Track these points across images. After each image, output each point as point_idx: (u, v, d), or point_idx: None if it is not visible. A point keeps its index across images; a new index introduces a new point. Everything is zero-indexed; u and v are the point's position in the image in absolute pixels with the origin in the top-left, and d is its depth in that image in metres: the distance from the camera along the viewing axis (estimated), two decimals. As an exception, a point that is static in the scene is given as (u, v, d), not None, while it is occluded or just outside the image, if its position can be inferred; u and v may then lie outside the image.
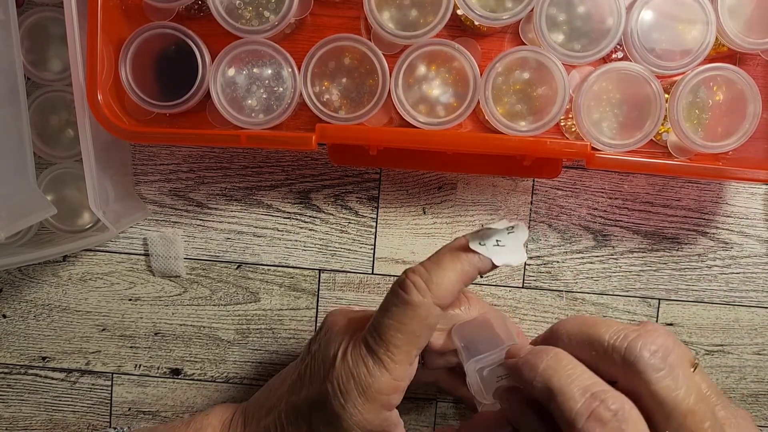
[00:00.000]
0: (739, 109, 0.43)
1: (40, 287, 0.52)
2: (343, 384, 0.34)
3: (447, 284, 0.33)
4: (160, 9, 0.44)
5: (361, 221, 0.51)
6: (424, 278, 0.33)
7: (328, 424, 0.34)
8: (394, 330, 0.33)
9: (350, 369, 0.34)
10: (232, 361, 0.52)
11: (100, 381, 0.52)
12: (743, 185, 0.50)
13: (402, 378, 0.34)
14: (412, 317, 0.33)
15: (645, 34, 0.43)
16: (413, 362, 0.34)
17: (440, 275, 0.33)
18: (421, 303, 0.33)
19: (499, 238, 0.35)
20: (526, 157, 0.46)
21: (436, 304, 0.33)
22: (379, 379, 0.33)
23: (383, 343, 0.33)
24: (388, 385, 0.33)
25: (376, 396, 0.33)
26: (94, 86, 0.42)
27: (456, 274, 0.34)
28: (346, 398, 0.33)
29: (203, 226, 0.51)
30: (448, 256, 0.34)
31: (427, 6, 0.43)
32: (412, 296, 0.33)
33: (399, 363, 0.33)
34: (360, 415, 0.33)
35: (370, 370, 0.33)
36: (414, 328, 0.33)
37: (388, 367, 0.33)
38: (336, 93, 0.44)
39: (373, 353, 0.33)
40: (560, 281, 0.51)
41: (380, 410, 0.33)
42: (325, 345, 0.36)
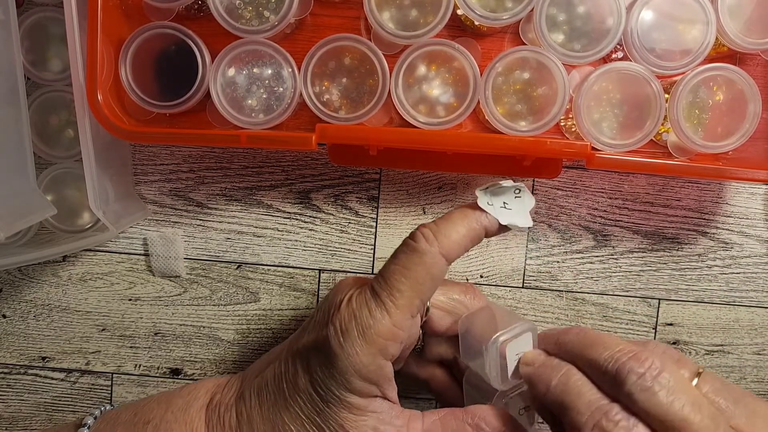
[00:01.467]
0: (739, 109, 0.43)
1: (40, 287, 0.52)
2: (345, 324, 0.34)
3: (454, 237, 0.35)
4: (160, 9, 0.44)
5: (361, 221, 0.51)
6: (433, 230, 0.35)
7: (324, 365, 0.35)
8: (399, 274, 0.34)
9: (353, 310, 0.35)
10: (232, 361, 0.52)
11: (100, 381, 0.52)
12: (743, 185, 0.50)
13: (401, 326, 0.34)
14: (418, 263, 0.34)
15: (645, 34, 0.43)
16: (414, 313, 0.35)
17: (448, 228, 0.35)
18: (428, 251, 0.34)
19: (506, 200, 0.37)
20: (526, 157, 0.46)
21: (442, 254, 0.35)
22: (380, 321, 0.34)
23: (387, 286, 0.34)
24: (387, 330, 0.34)
25: (375, 338, 0.34)
26: (94, 86, 0.42)
27: (464, 229, 0.35)
28: (345, 337, 0.34)
29: (203, 226, 0.51)
30: (457, 212, 0.36)
31: (427, 6, 0.43)
32: (419, 244, 0.35)
33: (400, 308, 0.34)
34: (356, 356, 0.34)
35: (371, 312, 0.34)
36: (418, 275, 0.34)
37: (390, 311, 0.34)
38: (336, 93, 0.44)
39: (377, 296, 0.34)
40: (560, 281, 0.51)
41: (376, 355, 0.34)
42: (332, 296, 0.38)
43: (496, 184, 0.37)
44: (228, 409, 0.38)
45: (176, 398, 0.40)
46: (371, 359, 0.34)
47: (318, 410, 0.35)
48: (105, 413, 0.42)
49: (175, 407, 0.39)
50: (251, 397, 0.38)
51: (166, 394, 0.41)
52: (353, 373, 0.34)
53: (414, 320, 0.36)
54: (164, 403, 0.40)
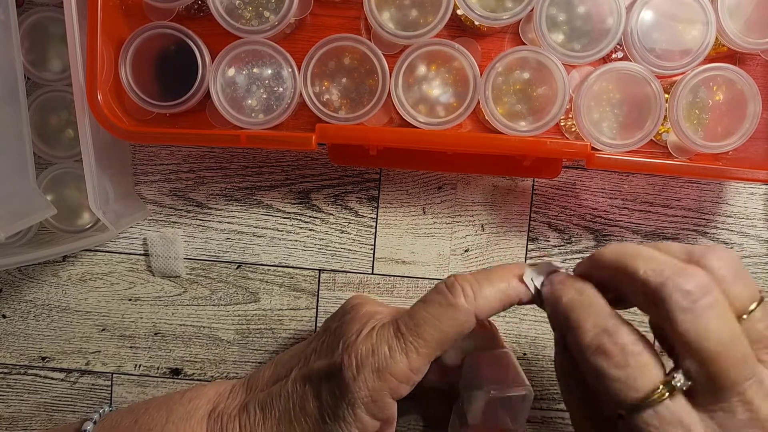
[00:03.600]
0: (739, 109, 0.43)
1: (40, 287, 0.52)
2: (362, 357, 0.34)
3: (491, 299, 0.34)
4: (160, 9, 0.44)
5: (361, 221, 0.51)
6: (474, 288, 0.34)
7: (335, 394, 0.35)
8: (430, 325, 0.34)
9: (373, 345, 0.34)
10: (232, 361, 0.52)
11: (100, 381, 0.52)
12: (743, 185, 0.50)
13: (417, 371, 0.34)
14: (451, 318, 0.34)
15: (645, 34, 0.43)
16: (432, 360, 0.35)
17: (488, 289, 0.34)
18: (465, 308, 0.34)
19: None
20: (526, 157, 0.46)
21: (476, 314, 0.34)
22: (398, 362, 0.33)
23: (415, 332, 0.34)
24: (403, 372, 0.34)
25: (389, 378, 0.34)
26: (94, 86, 0.42)
27: (502, 294, 0.34)
28: (360, 371, 0.34)
29: (203, 226, 0.51)
30: (500, 274, 0.35)
31: (427, 6, 0.43)
32: (458, 299, 0.34)
33: (421, 355, 0.34)
34: (367, 391, 0.34)
35: (391, 352, 0.34)
36: (448, 329, 0.34)
37: (410, 355, 0.34)
38: (336, 93, 0.44)
39: (402, 337, 0.34)
40: (560, 281, 0.51)
41: (387, 394, 0.34)
42: (348, 323, 0.37)
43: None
44: (231, 419, 0.38)
45: (178, 406, 0.40)
46: (380, 397, 0.34)
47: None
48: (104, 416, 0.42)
49: (176, 416, 0.39)
50: (255, 411, 0.38)
51: (167, 400, 0.41)
52: (361, 406, 0.34)
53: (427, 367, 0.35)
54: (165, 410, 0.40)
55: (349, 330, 0.36)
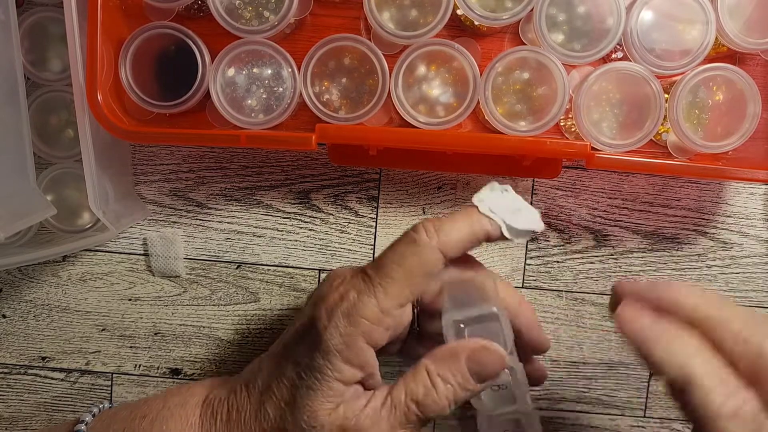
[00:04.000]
0: (738, 109, 0.43)
1: (40, 287, 0.52)
2: (331, 304, 0.34)
3: (455, 235, 0.35)
4: (160, 9, 0.44)
5: (361, 221, 0.51)
6: (435, 225, 0.35)
7: (309, 348, 0.35)
8: (394, 262, 0.34)
9: (341, 293, 0.35)
10: (232, 361, 0.52)
11: (100, 381, 0.52)
12: (743, 185, 0.50)
13: (388, 312, 0.34)
14: (414, 254, 0.34)
15: (645, 34, 0.43)
16: (403, 303, 0.35)
17: (450, 225, 0.35)
18: (426, 244, 0.34)
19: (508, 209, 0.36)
20: (526, 157, 0.46)
21: (440, 249, 0.34)
22: (366, 304, 0.34)
23: (380, 271, 0.34)
24: (373, 313, 0.34)
25: (359, 320, 0.33)
26: (94, 86, 0.42)
27: (466, 228, 0.35)
28: (331, 317, 0.34)
29: (203, 226, 0.51)
30: (462, 212, 0.36)
31: (427, 6, 0.43)
32: (419, 235, 0.34)
33: (389, 295, 0.34)
34: (339, 337, 0.34)
35: (359, 294, 0.34)
36: (413, 266, 0.34)
37: (378, 295, 0.34)
38: (336, 93, 0.44)
39: (368, 279, 0.34)
40: (560, 281, 0.51)
41: (359, 338, 0.34)
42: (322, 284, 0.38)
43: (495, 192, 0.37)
44: (221, 403, 0.38)
45: (174, 396, 0.40)
46: (353, 341, 0.34)
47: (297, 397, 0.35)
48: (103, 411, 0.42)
49: (171, 403, 0.39)
50: (241, 390, 0.38)
51: (164, 392, 0.41)
52: (336, 354, 0.34)
53: (402, 311, 0.35)
54: (161, 399, 0.40)
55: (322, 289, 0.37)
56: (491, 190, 0.37)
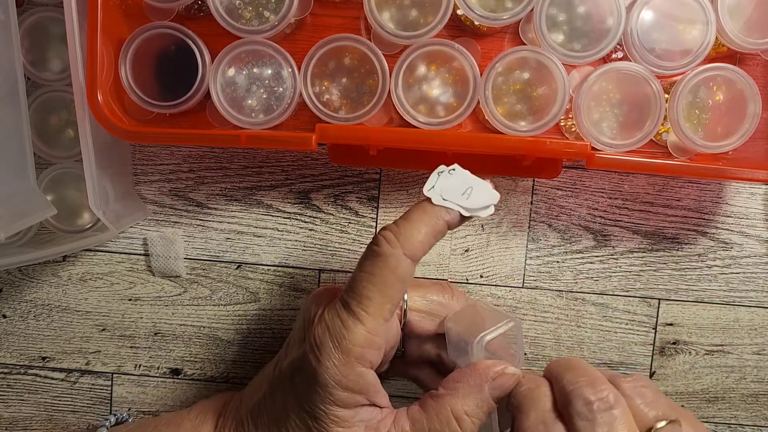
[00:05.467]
0: (739, 109, 0.43)
1: (40, 287, 0.52)
2: (319, 338, 0.35)
3: (416, 236, 0.35)
4: (160, 9, 0.44)
5: (361, 221, 0.51)
6: (394, 232, 0.35)
7: (307, 382, 0.35)
8: (366, 281, 0.34)
9: (326, 323, 0.35)
10: (232, 361, 0.52)
11: (100, 381, 0.52)
12: (743, 185, 0.50)
13: (376, 332, 0.34)
14: (383, 267, 0.34)
15: (645, 34, 0.43)
16: (387, 318, 0.35)
17: (408, 228, 0.35)
18: (391, 253, 0.34)
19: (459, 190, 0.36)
20: (526, 157, 0.46)
21: (405, 255, 0.34)
22: (353, 330, 0.34)
23: (356, 295, 0.34)
24: (361, 337, 0.34)
25: (350, 347, 0.34)
26: (94, 86, 0.42)
27: (425, 227, 0.35)
28: (322, 351, 0.34)
29: (203, 226, 0.51)
30: (416, 210, 0.36)
31: (427, 6, 0.43)
32: (382, 248, 0.34)
33: (372, 315, 0.34)
34: (335, 368, 0.34)
35: (344, 322, 0.34)
36: (385, 279, 0.34)
37: (362, 318, 0.34)
38: (336, 93, 0.44)
39: (348, 306, 0.35)
40: (560, 281, 0.51)
41: (354, 364, 0.34)
42: (306, 310, 0.38)
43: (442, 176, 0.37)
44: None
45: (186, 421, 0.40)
46: (350, 369, 0.34)
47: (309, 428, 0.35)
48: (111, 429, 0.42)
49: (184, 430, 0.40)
50: (248, 423, 0.38)
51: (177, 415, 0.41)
52: (334, 385, 0.34)
53: (389, 324, 0.36)
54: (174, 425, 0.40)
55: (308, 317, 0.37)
56: (439, 174, 0.37)
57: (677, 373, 0.51)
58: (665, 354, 0.51)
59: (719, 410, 0.52)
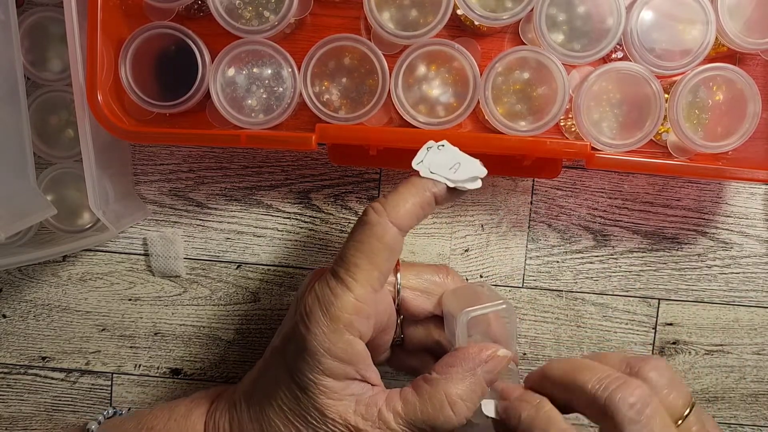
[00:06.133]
0: (739, 109, 0.43)
1: (40, 287, 0.52)
2: (309, 306, 0.35)
3: (403, 205, 0.36)
4: (160, 9, 0.44)
5: (361, 221, 0.51)
6: (382, 202, 0.36)
7: (297, 351, 0.35)
8: (354, 249, 0.35)
9: (316, 292, 0.35)
10: (232, 361, 0.52)
11: (100, 381, 0.52)
12: (743, 185, 0.50)
13: (364, 299, 0.35)
14: (370, 235, 0.35)
15: (645, 34, 0.43)
16: (376, 286, 0.35)
17: (397, 198, 0.36)
18: (377, 221, 0.35)
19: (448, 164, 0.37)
20: (526, 157, 0.46)
21: (392, 223, 0.35)
22: (341, 297, 0.34)
23: (344, 263, 0.35)
24: (349, 304, 0.34)
25: (339, 314, 0.34)
26: (94, 86, 0.42)
27: (413, 197, 0.36)
28: (311, 319, 0.35)
29: (203, 226, 0.51)
30: (405, 182, 0.37)
31: (427, 6, 0.43)
32: (369, 216, 0.35)
33: (360, 282, 0.35)
34: (323, 335, 0.34)
35: (333, 290, 0.35)
36: (372, 246, 0.35)
37: (350, 285, 0.35)
38: (336, 93, 0.44)
39: (336, 274, 0.35)
40: (560, 281, 0.51)
41: (343, 331, 0.34)
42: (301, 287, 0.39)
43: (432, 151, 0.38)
44: (222, 414, 0.39)
45: (179, 406, 0.41)
46: (338, 336, 0.34)
47: (298, 399, 0.35)
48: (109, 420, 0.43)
49: (177, 414, 0.40)
50: (241, 402, 0.38)
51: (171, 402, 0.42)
52: (323, 353, 0.34)
53: (380, 296, 0.36)
54: (167, 410, 0.40)
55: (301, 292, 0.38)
56: (428, 149, 0.38)
57: (677, 373, 0.51)
58: (665, 354, 0.51)
59: (719, 410, 0.52)
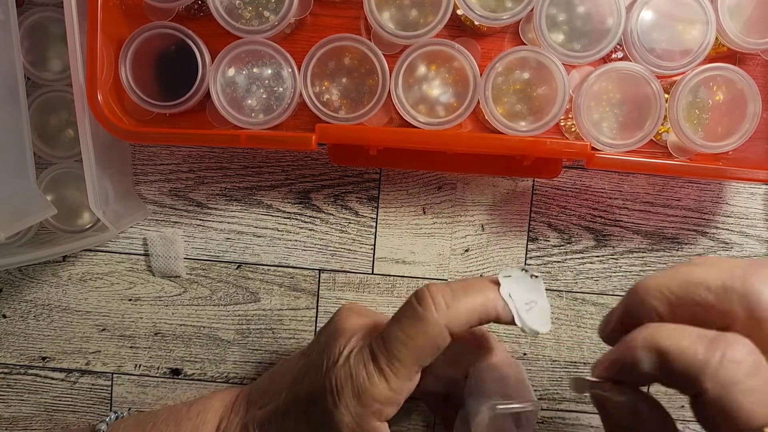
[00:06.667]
0: (739, 109, 0.43)
1: (40, 287, 0.52)
2: (341, 383, 0.34)
3: (465, 312, 0.33)
4: (160, 9, 0.44)
5: (361, 221, 0.51)
6: (446, 299, 0.33)
7: (322, 419, 0.35)
8: (401, 343, 0.33)
9: (350, 369, 0.34)
10: (232, 361, 0.52)
11: (100, 381, 0.52)
12: (743, 185, 0.50)
13: (400, 391, 0.33)
14: (423, 334, 0.32)
15: (645, 34, 0.43)
16: (413, 378, 0.34)
17: (462, 301, 0.33)
18: (435, 322, 0.32)
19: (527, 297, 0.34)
20: (526, 157, 0.46)
21: (447, 327, 0.33)
22: (377, 386, 0.33)
23: (387, 353, 0.33)
24: (383, 395, 0.33)
25: (371, 402, 0.33)
26: (94, 86, 0.42)
27: (477, 307, 0.33)
28: (341, 397, 0.34)
29: (203, 226, 0.51)
30: (477, 286, 0.34)
31: (427, 6, 0.43)
32: (427, 312, 0.32)
33: (399, 376, 0.33)
34: (350, 417, 0.33)
35: (369, 376, 0.33)
36: (421, 345, 0.33)
37: (388, 377, 0.33)
38: (336, 93, 0.44)
39: (376, 360, 0.33)
40: (560, 281, 0.51)
41: (371, 418, 0.33)
42: (333, 341, 0.36)
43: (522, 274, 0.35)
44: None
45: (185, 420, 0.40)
46: (365, 422, 0.33)
47: None
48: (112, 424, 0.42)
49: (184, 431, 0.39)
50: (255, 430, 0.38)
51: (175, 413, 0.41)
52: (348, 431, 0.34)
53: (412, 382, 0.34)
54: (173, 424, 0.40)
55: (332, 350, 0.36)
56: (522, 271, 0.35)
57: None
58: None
59: (719, 410, 0.52)
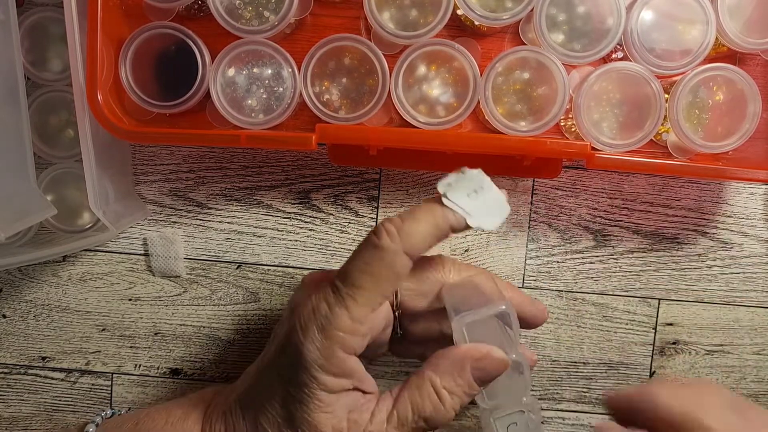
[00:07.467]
0: (739, 109, 0.43)
1: (40, 287, 0.52)
2: (305, 319, 0.35)
3: (417, 234, 0.34)
4: (160, 9, 0.44)
5: (361, 221, 0.51)
6: (397, 226, 0.34)
7: (292, 366, 0.35)
8: (360, 271, 0.34)
9: (313, 305, 0.35)
10: (232, 361, 0.52)
11: (100, 381, 0.52)
12: (743, 185, 0.50)
13: (361, 320, 0.34)
14: (379, 260, 0.34)
15: (645, 34, 0.43)
16: (376, 308, 0.35)
17: (413, 225, 0.34)
18: (389, 247, 0.34)
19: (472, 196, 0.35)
20: (526, 157, 0.46)
21: (404, 251, 0.34)
22: (339, 316, 0.34)
23: (347, 282, 0.34)
24: (346, 324, 0.34)
25: (334, 333, 0.34)
26: (94, 86, 0.42)
27: (429, 226, 0.35)
28: (306, 333, 0.34)
29: (203, 226, 0.51)
30: (423, 208, 0.35)
31: (427, 6, 0.43)
32: (381, 240, 0.34)
33: (360, 304, 0.34)
34: (317, 352, 0.34)
35: (330, 307, 0.34)
36: (380, 272, 0.34)
37: (349, 306, 0.34)
38: (336, 93, 0.44)
39: (337, 291, 0.34)
40: (560, 281, 0.51)
41: (336, 349, 0.34)
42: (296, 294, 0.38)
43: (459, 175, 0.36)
44: (218, 419, 0.38)
45: (176, 408, 0.40)
46: (331, 354, 0.34)
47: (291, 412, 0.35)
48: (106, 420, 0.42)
49: (174, 417, 0.40)
50: (236, 408, 0.38)
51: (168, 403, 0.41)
52: (317, 368, 0.34)
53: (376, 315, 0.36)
54: (164, 412, 0.40)
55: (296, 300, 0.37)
56: (462, 173, 0.36)
57: (677, 374, 0.51)
58: (665, 354, 0.51)
59: (719, 410, 0.52)
